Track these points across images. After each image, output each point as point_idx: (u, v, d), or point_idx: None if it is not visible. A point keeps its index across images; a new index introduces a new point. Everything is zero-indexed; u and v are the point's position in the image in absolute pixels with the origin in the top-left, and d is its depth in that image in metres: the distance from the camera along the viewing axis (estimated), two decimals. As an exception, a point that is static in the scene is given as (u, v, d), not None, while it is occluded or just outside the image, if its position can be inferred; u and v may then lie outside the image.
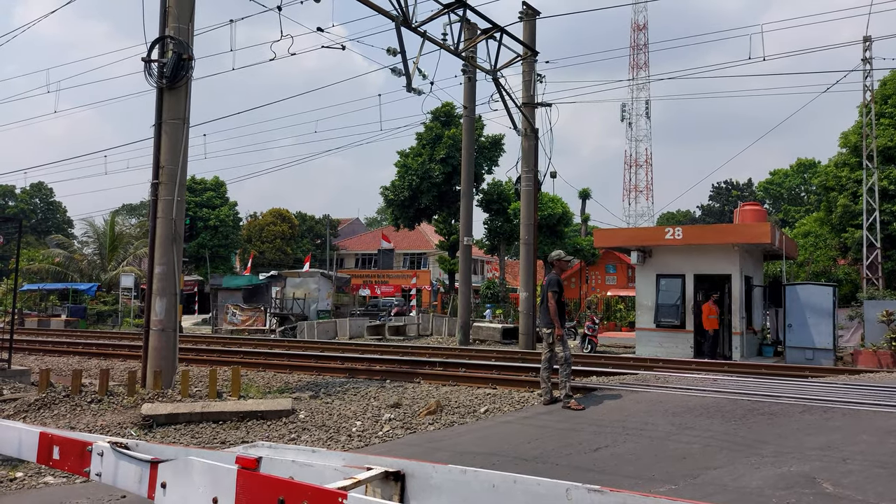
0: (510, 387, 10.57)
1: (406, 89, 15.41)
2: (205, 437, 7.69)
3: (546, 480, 2.18)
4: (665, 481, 5.13)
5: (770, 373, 12.33)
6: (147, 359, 10.34)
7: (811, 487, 4.85)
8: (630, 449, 6.26)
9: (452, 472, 2.44)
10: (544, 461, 5.93)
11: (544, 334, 8.81)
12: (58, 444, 3.17)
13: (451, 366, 13.25)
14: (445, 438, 7.24)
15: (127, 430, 7.82)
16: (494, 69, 17.80)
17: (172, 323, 10.46)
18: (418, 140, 38.79)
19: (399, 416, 8.54)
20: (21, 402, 9.00)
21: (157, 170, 10.55)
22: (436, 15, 15.85)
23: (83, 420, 8.40)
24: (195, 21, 10.79)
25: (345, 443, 7.32)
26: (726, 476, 5.24)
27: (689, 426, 7.04)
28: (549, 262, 9.29)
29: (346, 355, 15.35)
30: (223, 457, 2.81)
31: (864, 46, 24.79)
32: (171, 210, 10.44)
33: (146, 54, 10.58)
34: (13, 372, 11.18)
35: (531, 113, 19.75)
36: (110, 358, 16.34)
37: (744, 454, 5.85)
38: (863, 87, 25.51)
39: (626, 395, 9.05)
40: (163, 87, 10.49)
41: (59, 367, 14.36)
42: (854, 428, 6.73)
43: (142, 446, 3.06)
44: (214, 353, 16.46)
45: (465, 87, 20.54)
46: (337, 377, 12.65)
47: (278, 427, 8.06)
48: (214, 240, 49.74)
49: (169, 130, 10.51)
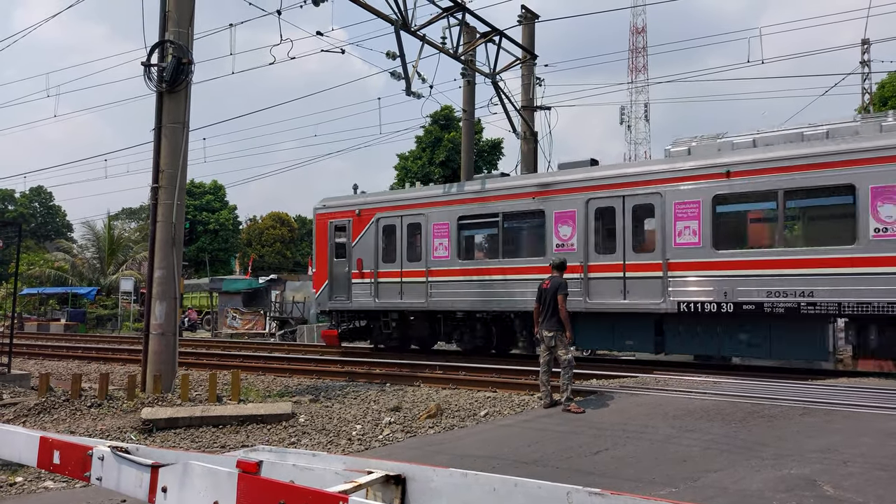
0: (510, 390, 10.57)
1: (405, 93, 15.43)
2: (205, 441, 7.68)
3: (547, 484, 2.19)
4: (665, 484, 5.13)
5: (770, 375, 12.32)
6: (147, 363, 10.34)
7: (812, 490, 4.85)
8: (630, 452, 6.25)
9: (453, 476, 2.45)
10: (545, 464, 5.93)
11: (546, 338, 8.81)
12: (58, 449, 3.18)
13: (451, 369, 13.25)
14: (446, 442, 7.24)
15: (127, 435, 7.82)
16: (494, 72, 17.83)
17: (172, 327, 10.46)
18: (418, 143, 38.84)
19: (399, 419, 8.54)
20: (21, 407, 9.00)
21: (157, 174, 10.56)
22: (435, 19, 15.88)
23: (83, 424, 8.39)
24: (195, 25, 10.82)
25: (345, 446, 7.32)
26: (727, 479, 5.24)
27: (690, 429, 7.04)
28: (554, 265, 9.31)
29: (345, 359, 15.35)
30: (224, 461, 2.81)
31: (863, 49, 24.86)
32: (171, 214, 10.45)
33: (146, 58, 10.60)
34: (13, 376, 11.17)
35: (530, 116, 19.78)
36: (110, 362, 16.33)
37: (744, 457, 5.85)
38: (861, 90, 25.59)
39: (626, 398, 9.05)
40: (162, 91, 10.51)
41: (58, 372, 14.34)
42: (855, 430, 6.73)
43: (142, 451, 3.07)
44: (214, 357, 16.45)
45: (464, 91, 20.57)
46: (337, 381, 12.65)
47: (278, 431, 8.05)
48: (214, 243, 49.78)
49: (169, 134, 10.52)
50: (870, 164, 10.79)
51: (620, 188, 13.12)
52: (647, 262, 12.78)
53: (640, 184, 12.94)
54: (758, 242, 12.43)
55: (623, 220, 13.07)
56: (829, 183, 11.19)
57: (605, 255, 13.30)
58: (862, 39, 24.73)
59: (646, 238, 13.38)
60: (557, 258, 9.61)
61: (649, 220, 13.22)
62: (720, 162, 12.15)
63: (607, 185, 13.30)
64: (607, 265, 13.25)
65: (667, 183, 12.63)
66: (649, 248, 12.99)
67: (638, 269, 12.90)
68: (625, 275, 13.01)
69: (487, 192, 15.05)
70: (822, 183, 11.24)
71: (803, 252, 11.40)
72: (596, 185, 13.45)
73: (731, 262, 11.94)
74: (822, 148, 11.30)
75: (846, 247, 10.99)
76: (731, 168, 11.99)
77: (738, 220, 12.63)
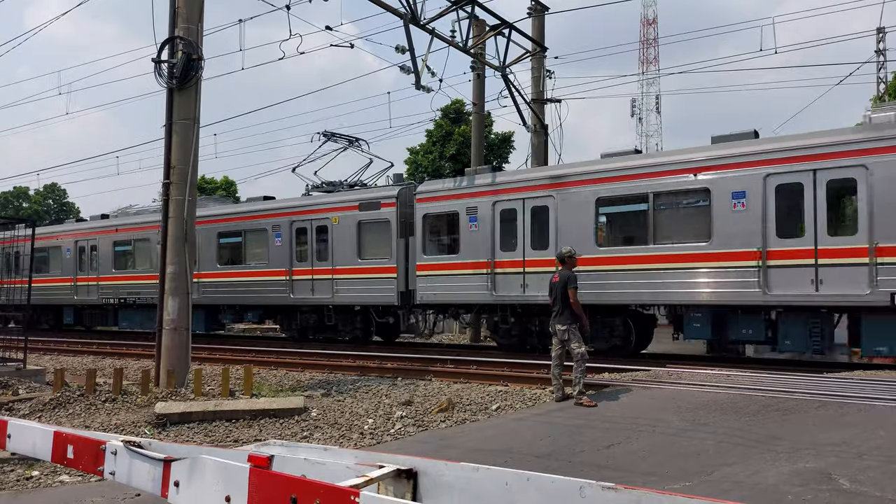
0: (522, 384, 10.55)
1: (415, 87, 15.39)
2: (218, 435, 7.73)
3: (559, 478, 2.17)
4: (679, 478, 5.10)
5: (784, 368, 12.23)
6: (160, 358, 10.40)
7: (827, 483, 4.80)
8: (643, 446, 6.22)
9: (465, 470, 2.43)
10: (557, 458, 5.91)
11: (559, 331, 8.77)
12: (72, 444, 3.20)
13: (462, 363, 13.24)
14: (457, 436, 7.24)
15: (140, 429, 7.88)
16: (503, 66, 17.74)
17: (185, 322, 10.52)
18: (428, 137, 38.76)
19: (411, 413, 8.55)
20: (36, 402, 9.09)
21: (168, 170, 10.60)
22: (444, 12, 15.81)
23: (97, 419, 8.47)
24: (204, 21, 10.83)
25: (357, 441, 7.33)
26: (741, 472, 5.20)
27: (703, 422, 6.99)
28: (561, 258, 9.24)
29: (357, 353, 15.38)
30: (236, 455, 2.82)
31: (878, 38, 24.52)
32: (182, 210, 10.49)
33: (156, 55, 10.64)
34: (29, 372, 11.28)
35: (541, 109, 19.68)
36: (124, 357, 16.46)
37: (758, 450, 5.81)
38: (876, 79, 25.24)
39: (639, 391, 9.00)
40: (173, 88, 10.54)
41: (73, 367, 14.47)
42: (870, 424, 6.66)
43: (155, 445, 3.08)
44: (227, 352, 16.54)
45: (474, 84, 20.49)
46: (348, 375, 12.68)
47: (290, 425, 8.08)
48: (226, 239, 49.89)
49: (179, 130, 10.55)
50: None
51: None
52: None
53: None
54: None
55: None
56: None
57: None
58: (877, 28, 24.40)
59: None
60: (565, 250, 9.30)
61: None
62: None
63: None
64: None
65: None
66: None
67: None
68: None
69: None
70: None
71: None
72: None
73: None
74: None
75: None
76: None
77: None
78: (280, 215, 18.22)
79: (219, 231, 19.60)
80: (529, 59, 19.43)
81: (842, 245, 11.05)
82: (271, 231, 18.24)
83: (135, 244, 21.71)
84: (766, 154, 11.74)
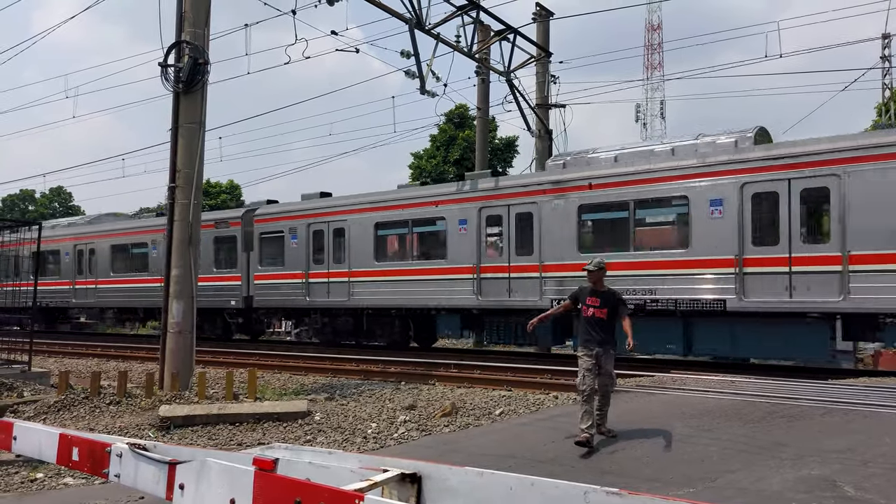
0: (525, 389, 10.53)
1: (420, 91, 15.42)
2: (222, 438, 7.74)
3: (563, 483, 2.17)
4: (683, 484, 5.09)
5: (788, 375, 12.17)
6: (164, 361, 10.42)
7: (832, 491, 4.79)
8: (647, 451, 6.21)
9: (469, 475, 2.44)
10: (561, 463, 5.91)
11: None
12: (77, 446, 3.21)
13: (465, 367, 13.23)
14: (461, 440, 7.24)
15: (145, 432, 7.89)
16: (508, 70, 17.77)
17: (189, 325, 10.54)
18: (432, 142, 38.79)
19: (414, 417, 8.54)
20: (41, 404, 9.11)
21: (174, 173, 10.64)
22: (449, 17, 15.84)
23: (102, 422, 8.48)
24: (211, 26, 10.88)
25: (360, 444, 7.33)
26: (745, 479, 5.19)
27: (707, 428, 6.97)
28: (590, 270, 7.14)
29: (360, 357, 15.38)
30: (240, 458, 2.82)
31: (883, 43, 24.46)
32: (187, 213, 10.52)
33: (163, 59, 10.68)
34: (33, 374, 11.30)
35: (545, 114, 19.69)
36: (128, 360, 16.49)
37: (763, 457, 5.79)
38: (881, 86, 25.18)
39: (643, 396, 8.98)
40: (179, 92, 10.59)
41: (78, 370, 14.50)
42: (875, 431, 6.63)
43: (159, 448, 3.09)
44: (230, 355, 16.54)
45: (478, 89, 20.52)
46: (352, 379, 12.68)
47: (294, 429, 8.08)
48: (230, 243, 49.97)
49: (185, 134, 10.60)
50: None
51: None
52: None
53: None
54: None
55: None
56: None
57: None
58: (882, 34, 24.34)
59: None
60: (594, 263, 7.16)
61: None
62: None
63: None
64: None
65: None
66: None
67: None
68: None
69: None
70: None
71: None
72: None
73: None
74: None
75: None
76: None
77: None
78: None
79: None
80: (534, 64, 19.46)
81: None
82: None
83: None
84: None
